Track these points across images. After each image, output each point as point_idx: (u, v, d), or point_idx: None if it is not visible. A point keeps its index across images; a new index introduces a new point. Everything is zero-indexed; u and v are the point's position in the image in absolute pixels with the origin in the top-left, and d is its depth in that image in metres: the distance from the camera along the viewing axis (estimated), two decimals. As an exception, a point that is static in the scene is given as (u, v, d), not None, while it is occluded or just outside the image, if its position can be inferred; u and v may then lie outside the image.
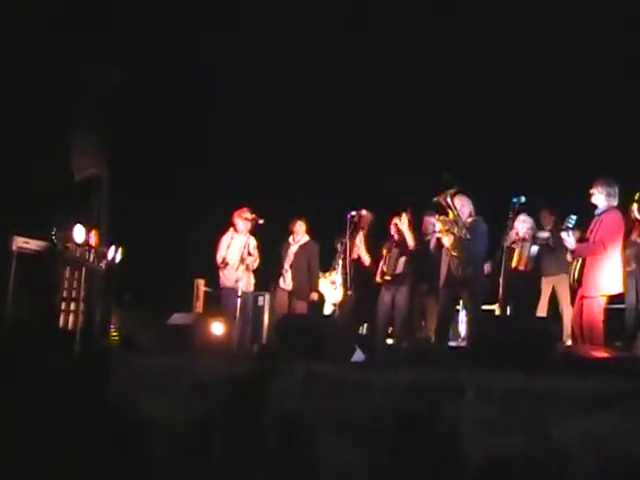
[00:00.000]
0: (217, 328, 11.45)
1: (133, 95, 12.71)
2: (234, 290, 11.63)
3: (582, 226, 9.38)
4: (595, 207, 9.26)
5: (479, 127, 13.09)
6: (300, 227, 12.16)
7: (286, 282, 12.10)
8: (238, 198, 12.58)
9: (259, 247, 12.12)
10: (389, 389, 5.02)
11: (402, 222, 11.21)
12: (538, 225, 11.26)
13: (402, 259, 11.23)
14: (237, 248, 11.86)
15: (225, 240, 12.06)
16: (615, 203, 9.24)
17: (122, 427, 3.78)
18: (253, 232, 12.09)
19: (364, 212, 11.85)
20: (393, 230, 11.45)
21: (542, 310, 10.97)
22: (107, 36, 12.47)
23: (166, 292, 13.03)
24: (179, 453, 3.63)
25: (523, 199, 9.94)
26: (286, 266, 12.11)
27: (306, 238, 12.17)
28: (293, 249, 12.16)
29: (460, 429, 3.99)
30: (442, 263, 10.28)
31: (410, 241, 11.16)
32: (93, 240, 11.19)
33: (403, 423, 4.11)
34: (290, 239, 12.22)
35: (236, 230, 12.01)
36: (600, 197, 9.18)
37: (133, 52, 12.80)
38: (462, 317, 11.27)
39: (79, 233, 10.81)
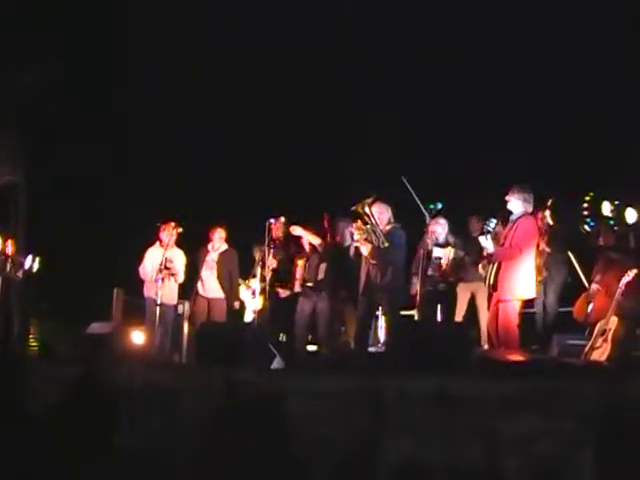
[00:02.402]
0: (137, 337, 11.39)
1: (51, 100, 12.57)
2: (155, 300, 11.61)
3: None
4: (510, 213, 9.43)
5: (400, 134, 13.17)
6: (220, 235, 12.15)
7: (205, 289, 12.12)
8: (158, 205, 12.55)
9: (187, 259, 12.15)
10: (309, 395, 5.06)
11: (295, 230, 11.34)
12: (464, 232, 11.39)
13: (323, 266, 11.29)
14: (157, 261, 11.83)
15: (149, 253, 12.04)
16: (530, 209, 9.42)
17: (40, 434, 3.77)
18: (180, 245, 12.08)
19: (283, 220, 11.88)
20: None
21: (460, 316, 11.10)
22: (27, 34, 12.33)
23: (86, 301, 12.89)
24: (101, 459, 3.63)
25: (440, 205, 10.05)
26: (204, 272, 12.11)
27: (225, 246, 12.18)
28: (212, 256, 12.16)
29: (380, 434, 4.05)
30: (361, 270, 10.37)
31: (314, 241, 11.27)
32: (10, 249, 11.05)
33: (321, 428, 4.16)
34: (209, 246, 12.21)
35: (161, 243, 11.99)
36: (516, 203, 9.34)
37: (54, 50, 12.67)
38: (381, 323, 11.34)
39: (-5, 242, 10.68)
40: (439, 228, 10.89)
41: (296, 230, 11.33)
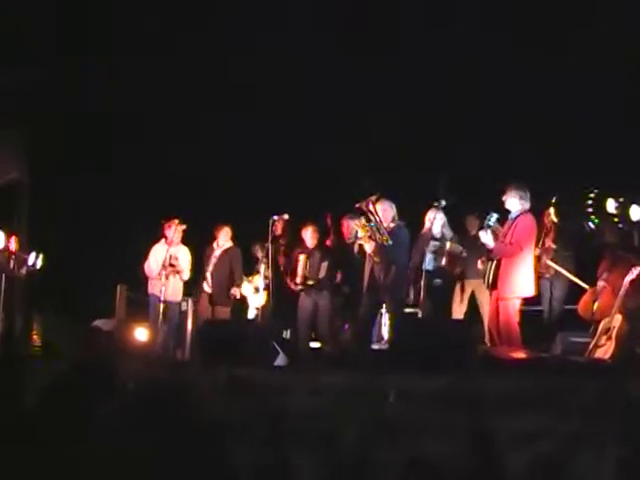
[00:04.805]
0: (140, 334, 11.38)
1: (54, 96, 12.54)
2: (159, 297, 11.58)
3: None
4: (509, 212, 9.40)
5: (403, 129, 13.12)
6: (226, 234, 12.11)
7: (210, 286, 12.09)
8: (164, 204, 12.53)
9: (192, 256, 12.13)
10: (313, 392, 5.05)
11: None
12: (463, 229, 11.36)
13: (324, 264, 11.29)
14: (162, 258, 11.78)
15: (153, 250, 11.99)
16: (528, 206, 9.38)
17: (42, 432, 3.76)
18: (186, 242, 12.05)
19: (286, 216, 11.86)
20: (310, 237, 11.50)
21: (460, 312, 11.07)
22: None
23: (89, 298, 12.87)
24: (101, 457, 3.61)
25: (495, 217, 9.72)
26: (209, 269, 12.10)
27: (229, 243, 12.16)
28: (216, 253, 12.14)
29: (383, 432, 4.04)
30: (365, 268, 10.36)
31: None
32: (13, 245, 11.05)
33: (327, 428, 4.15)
34: (214, 244, 12.20)
35: (166, 240, 11.93)
36: (513, 201, 9.31)
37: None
38: (385, 320, 11.32)
39: (-1, 239, 10.68)
40: (436, 222, 10.82)
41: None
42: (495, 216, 9.30)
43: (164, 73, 13.67)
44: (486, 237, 9.23)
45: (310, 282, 11.30)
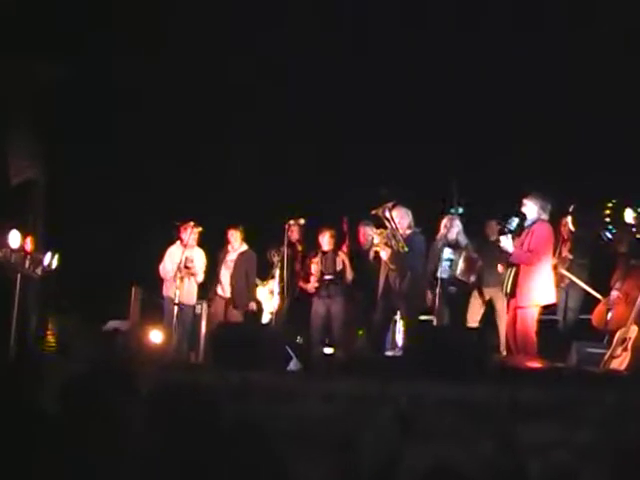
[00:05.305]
0: (154, 336, 11.38)
1: (72, 95, 12.53)
2: (173, 299, 11.58)
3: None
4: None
5: (418, 135, 13.08)
6: (235, 236, 12.08)
7: (224, 289, 12.08)
8: (180, 207, 12.53)
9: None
10: (325, 398, 5.03)
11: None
12: (482, 235, 11.31)
13: (338, 258, 11.28)
14: (177, 259, 11.77)
15: (169, 251, 11.99)
16: (545, 217, 9.30)
17: (53, 433, 3.74)
18: (201, 245, 12.04)
19: (302, 221, 11.86)
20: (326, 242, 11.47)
21: (475, 320, 11.02)
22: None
23: (104, 299, 12.87)
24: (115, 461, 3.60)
25: (460, 210, 9.85)
26: (223, 272, 12.09)
27: (244, 247, 12.14)
28: (231, 257, 12.12)
29: (394, 439, 4.01)
30: (380, 274, 10.34)
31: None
32: (29, 246, 11.04)
33: (339, 433, 4.11)
34: (229, 247, 12.18)
35: (182, 242, 11.92)
36: (532, 208, 9.23)
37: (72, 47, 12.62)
38: (399, 327, 11.30)
39: (14, 238, 10.67)
40: (452, 229, 10.77)
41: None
42: (516, 220, 9.21)
43: (172, 73, 13.67)
44: (506, 242, 9.17)
45: (328, 276, 11.27)
